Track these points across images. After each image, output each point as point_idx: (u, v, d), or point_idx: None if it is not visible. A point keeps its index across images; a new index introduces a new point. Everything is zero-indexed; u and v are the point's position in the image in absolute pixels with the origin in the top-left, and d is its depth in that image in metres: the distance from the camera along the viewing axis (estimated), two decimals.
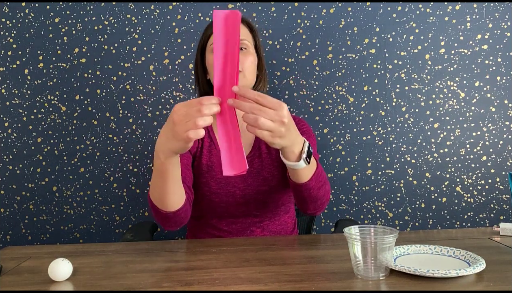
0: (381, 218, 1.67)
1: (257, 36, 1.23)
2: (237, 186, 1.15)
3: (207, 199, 1.15)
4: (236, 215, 1.17)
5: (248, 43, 1.18)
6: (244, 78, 1.16)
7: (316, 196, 1.00)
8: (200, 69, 1.24)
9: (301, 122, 1.25)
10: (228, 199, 1.15)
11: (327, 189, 1.03)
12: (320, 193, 1.00)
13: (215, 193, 1.14)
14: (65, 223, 1.67)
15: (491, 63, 1.64)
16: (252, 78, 1.19)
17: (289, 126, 0.82)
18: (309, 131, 1.23)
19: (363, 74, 1.65)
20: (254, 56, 1.20)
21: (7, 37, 1.65)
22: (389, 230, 0.77)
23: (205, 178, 1.15)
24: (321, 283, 0.74)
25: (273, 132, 0.80)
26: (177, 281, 0.76)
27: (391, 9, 1.64)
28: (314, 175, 0.96)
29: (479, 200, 1.66)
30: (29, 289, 0.76)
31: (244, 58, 1.16)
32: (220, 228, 1.19)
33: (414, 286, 0.71)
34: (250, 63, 1.17)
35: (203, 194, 1.15)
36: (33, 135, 1.66)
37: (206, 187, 1.15)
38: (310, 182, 0.96)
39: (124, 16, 1.64)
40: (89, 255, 0.96)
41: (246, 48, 1.18)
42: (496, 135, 1.64)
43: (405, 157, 1.66)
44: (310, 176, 0.95)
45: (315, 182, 0.97)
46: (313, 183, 0.96)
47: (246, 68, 1.16)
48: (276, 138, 0.82)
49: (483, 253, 0.84)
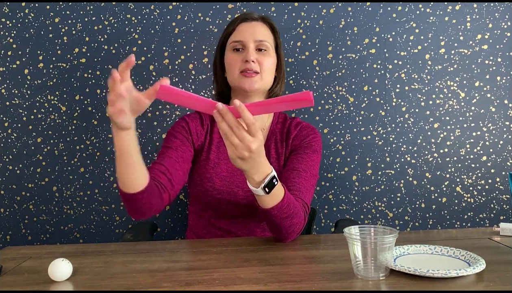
0: (381, 218, 1.67)
1: (279, 37, 1.23)
2: (241, 186, 1.15)
3: (210, 195, 1.15)
4: (237, 215, 1.17)
5: (268, 44, 1.18)
6: (262, 80, 1.16)
7: (280, 224, 0.96)
8: (218, 67, 1.24)
9: (311, 136, 1.20)
10: (230, 197, 1.14)
11: (294, 222, 0.97)
12: (284, 223, 0.96)
13: (218, 189, 1.14)
14: (65, 223, 1.67)
15: (491, 63, 1.64)
16: (269, 80, 1.19)
17: (255, 155, 0.84)
18: (315, 146, 1.18)
19: (363, 74, 1.65)
20: (274, 57, 1.20)
21: (7, 37, 1.65)
22: (389, 230, 0.77)
23: (210, 174, 1.15)
24: (321, 283, 0.74)
25: (237, 150, 0.83)
26: (177, 281, 0.76)
27: (391, 9, 1.64)
28: (278, 204, 0.92)
29: (479, 200, 1.66)
30: (29, 289, 0.76)
31: (263, 59, 1.16)
32: (220, 227, 1.18)
33: (414, 286, 0.71)
34: (269, 65, 1.17)
35: (206, 189, 1.15)
36: (33, 135, 1.66)
37: (210, 182, 1.14)
38: (271, 210, 0.93)
39: (124, 16, 1.64)
40: (89, 255, 0.96)
41: (266, 50, 1.17)
42: (496, 135, 1.64)
43: (405, 157, 1.66)
44: (272, 205, 0.92)
45: (278, 212, 0.93)
46: (274, 212, 0.93)
47: (264, 70, 1.16)
48: (237, 158, 0.84)
49: (483, 253, 0.84)
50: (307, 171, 1.11)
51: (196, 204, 1.22)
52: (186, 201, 1.67)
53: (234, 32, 1.19)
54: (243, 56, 1.15)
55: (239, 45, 1.17)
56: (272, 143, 1.21)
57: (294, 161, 1.14)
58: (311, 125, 1.24)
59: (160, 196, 1.01)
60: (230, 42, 1.18)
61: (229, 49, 1.19)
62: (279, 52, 1.22)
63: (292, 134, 1.20)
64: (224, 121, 0.82)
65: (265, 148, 1.19)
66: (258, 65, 1.15)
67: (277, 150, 1.20)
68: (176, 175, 1.09)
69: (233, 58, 1.17)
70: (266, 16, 1.22)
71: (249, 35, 1.16)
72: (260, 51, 1.17)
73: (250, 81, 1.14)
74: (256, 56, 1.15)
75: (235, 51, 1.17)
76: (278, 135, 1.22)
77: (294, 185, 1.07)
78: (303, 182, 1.08)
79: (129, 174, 0.92)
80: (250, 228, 1.19)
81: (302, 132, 1.20)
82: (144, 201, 0.96)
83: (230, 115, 0.81)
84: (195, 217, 1.24)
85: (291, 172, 1.11)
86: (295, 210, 0.97)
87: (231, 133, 0.82)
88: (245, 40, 1.16)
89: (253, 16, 1.19)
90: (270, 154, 1.19)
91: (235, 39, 1.17)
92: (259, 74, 1.15)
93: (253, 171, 0.87)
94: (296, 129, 1.21)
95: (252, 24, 1.18)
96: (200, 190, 1.16)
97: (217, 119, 0.82)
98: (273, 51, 1.20)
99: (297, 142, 1.19)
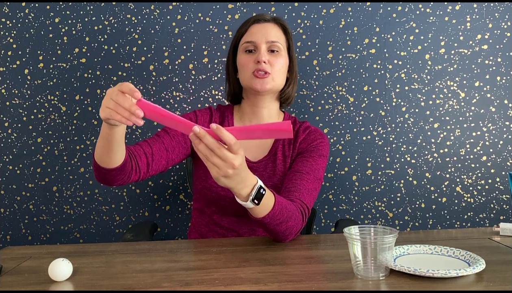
0: (381, 218, 1.67)
1: (291, 38, 1.23)
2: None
3: (214, 191, 1.15)
4: (240, 213, 1.17)
5: (280, 45, 1.17)
6: (273, 81, 1.16)
7: (274, 230, 0.96)
8: (231, 67, 1.24)
9: (318, 140, 1.20)
10: (233, 196, 1.15)
11: (290, 225, 0.97)
12: (279, 228, 0.96)
13: (223, 187, 1.14)
14: (65, 223, 1.67)
15: (491, 63, 1.64)
16: (280, 81, 1.19)
17: (239, 171, 0.84)
18: (321, 151, 1.18)
19: (363, 74, 1.65)
20: (286, 59, 1.20)
21: (7, 37, 1.65)
22: (389, 230, 0.77)
23: None
24: (321, 283, 0.74)
25: (220, 170, 0.83)
26: (177, 281, 0.76)
27: (391, 9, 1.64)
28: (270, 213, 0.92)
29: (479, 200, 1.66)
30: (29, 289, 0.76)
31: (275, 60, 1.16)
32: (222, 225, 1.18)
33: (414, 286, 0.71)
34: (280, 67, 1.17)
35: (211, 185, 1.15)
36: (33, 135, 1.66)
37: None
38: (264, 219, 0.93)
39: (124, 16, 1.64)
40: (89, 255, 0.96)
41: (277, 51, 1.17)
42: (496, 135, 1.64)
43: (405, 157, 1.66)
44: (265, 214, 0.92)
45: (271, 219, 0.93)
46: (268, 220, 0.93)
47: (275, 71, 1.16)
48: (220, 176, 0.84)
49: (483, 253, 0.84)
50: (310, 174, 1.11)
51: (200, 199, 1.22)
52: (186, 201, 1.67)
53: (247, 33, 1.19)
54: (255, 57, 1.16)
55: (251, 46, 1.17)
56: (280, 146, 1.21)
57: (299, 163, 1.14)
58: (319, 130, 1.24)
59: (130, 175, 1.03)
60: (242, 43, 1.19)
61: (241, 50, 1.19)
62: (291, 54, 1.22)
63: (300, 138, 1.21)
64: (201, 143, 0.81)
65: (272, 150, 1.20)
66: (269, 66, 1.15)
67: (284, 152, 1.20)
68: (158, 162, 1.09)
69: (245, 59, 1.17)
70: (279, 18, 1.22)
71: (261, 36, 1.16)
72: (272, 53, 1.17)
73: (261, 82, 1.14)
74: (268, 57, 1.15)
75: (247, 53, 1.18)
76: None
77: (295, 186, 1.07)
78: (304, 184, 1.08)
79: (109, 154, 0.93)
80: (252, 227, 1.19)
81: (310, 136, 1.21)
82: (113, 176, 0.98)
83: (208, 137, 0.80)
84: (198, 214, 1.24)
85: (294, 174, 1.11)
86: (289, 213, 0.97)
87: (211, 154, 0.81)
88: (257, 41, 1.16)
89: (266, 18, 1.20)
90: (276, 156, 1.19)
91: (247, 40, 1.18)
92: (270, 75, 1.15)
93: (240, 187, 0.87)
94: (305, 133, 1.22)
95: (264, 25, 1.19)
96: (204, 186, 1.16)
97: (194, 142, 0.82)
98: (285, 52, 1.20)
99: (304, 146, 1.19)
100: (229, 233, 1.19)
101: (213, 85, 1.66)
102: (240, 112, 1.25)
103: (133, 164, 1.03)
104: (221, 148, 0.81)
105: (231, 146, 0.81)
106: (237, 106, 1.27)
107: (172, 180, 1.67)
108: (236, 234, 1.18)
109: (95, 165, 0.97)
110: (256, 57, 1.15)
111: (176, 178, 1.67)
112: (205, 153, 0.82)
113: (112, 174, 0.97)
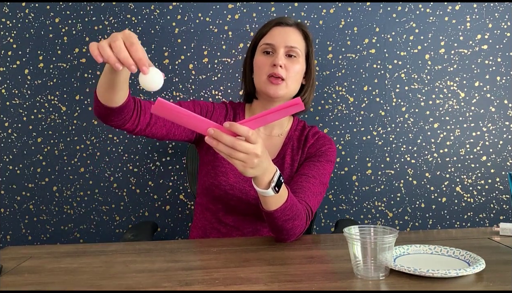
0: (381, 218, 1.67)
1: (311, 44, 1.22)
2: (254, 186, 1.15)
3: (222, 189, 1.15)
4: (246, 213, 1.17)
5: (298, 51, 1.17)
6: (287, 88, 1.16)
7: (282, 226, 0.97)
8: (248, 67, 1.24)
9: (327, 145, 1.21)
10: (241, 195, 1.15)
11: (296, 224, 0.98)
12: (286, 225, 0.97)
13: (231, 185, 1.14)
14: (65, 223, 1.67)
15: (491, 63, 1.64)
16: (294, 88, 1.18)
17: (263, 158, 0.84)
18: (329, 156, 1.19)
19: (363, 74, 1.65)
20: (303, 65, 1.19)
21: (7, 37, 1.65)
22: (389, 230, 0.77)
23: (225, 168, 1.15)
24: (321, 283, 0.74)
25: (246, 163, 0.83)
26: (177, 281, 0.76)
27: (391, 9, 1.64)
28: (282, 206, 0.94)
29: (479, 200, 1.66)
30: (29, 289, 0.76)
31: (291, 66, 1.15)
32: (226, 223, 1.18)
33: (414, 286, 0.71)
34: (296, 73, 1.16)
35: (219, 182, 1.15)
36: (33, 135, 1.66)
37: (224, 176, 1.15)
38: (275, 212, 0.94)
39: (124, 16, 1.64)
40: (89, 255, 0.96)
41: (295, 56, 1.17)
42: (496, 135, 1.64)
43: (405, 157, 1.66)
44: (278, 206, 0.93)
45: (281, 213, 0.94)
46: (278, 214, 0.94)
47: (289, 77, 1.15)
48: (248, 168, 0.84)
49: (483, 253, 0.84)
50: (316, 178, 1.12)
51: (205, 195, 1.22)
52: (186, 201, 1.67)
53: (267, 35, 1.19)
54: (272, 60, 1.15)
55: (269, 48, 1.17)
56: (289, 149, 1.21)
57: (306, 167, 1.15)
58: (328, 136, 1.24)
59: (126, 122, 1.00)
60: (261, 44, 1.18)
61: (259, 51, 1.19)
62: (310, 61, 1.22)
63: (309, 143, 1.21)
64: (220, 144, 0.81)
65: (281, 153, 1.20)
66: (285, 71, 1.15)
67: (293, 156, 1.20)
68: (160, 128, 1.07)
69: (262, 60, 1.17)
70: (301, 23, 1.22)
71: (281, 40, 1.16)
72: (290, 57, 1.16)
73: (275, 88, 1.14)
74: (284, 62, 1.15)
75: (265, 54, 1.18)
76: (295, 142, 1.23)
77: (301, 188, 1.08)
78: (310, 187, 1.09)
79: (109, 93, 0.91)
80: (256, 227, 1.19)
81: (318, 142, 1.21)
82: (109, 115, 0.96)
83: (225, 136, 0.80)
84: (202, 210, 1.23)
85: (300, 177, 1.12)
86: (297, 212, 0.97)
87: (233, 151, 0.81)
88: (276, 44, 1.16)
89: (288, 22, 1.20)
90: (285, 160, 1.19)
91: (267, 42, 1.18)
92: (284, 81, 1.14)
93: (264, 173, 0.88)
94: (314, 138, 1.22)
95: (285, 29, 1.18)
96: (213, 183, 1.16)
97: (213, 144, 0.81)
98: (303, 59, 1.19)
99: (312, 151, 1.20)
100: (233, 231, 1.18)
101: (213, 85, 1.66)
102: (251, 112, 1.26)
103: (135, 114, 1.01)
104: (240, 142, 0.81)
105: (249, 137, 0.81)
106: (248, 105, 1.28)
107: (172, 180, 1.67)
108: (240, 233, 1.18)
109: (95, 98, 0.96)
110: (273, 60, 1.15)
111: (176, 178, 1.67)
112: (227, 152, 0.82)
113: (107, 112, 0.95)
